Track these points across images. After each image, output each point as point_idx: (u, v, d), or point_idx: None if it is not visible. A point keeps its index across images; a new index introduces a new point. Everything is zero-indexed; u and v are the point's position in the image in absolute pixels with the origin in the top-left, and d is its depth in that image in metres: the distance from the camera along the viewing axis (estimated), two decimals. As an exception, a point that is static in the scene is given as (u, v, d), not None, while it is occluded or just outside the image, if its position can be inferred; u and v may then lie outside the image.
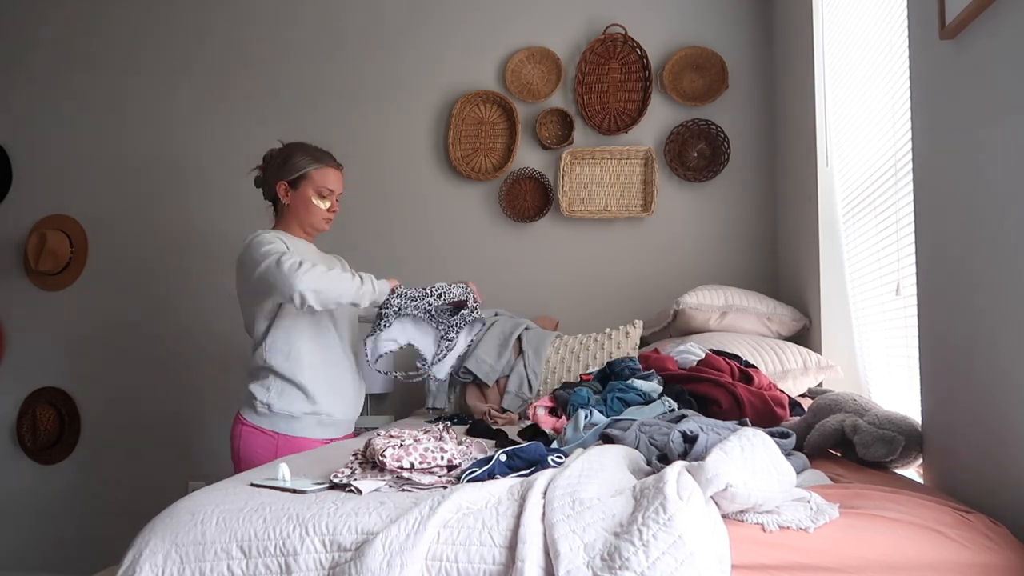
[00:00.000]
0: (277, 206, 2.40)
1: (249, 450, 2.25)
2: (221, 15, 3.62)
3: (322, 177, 2.33)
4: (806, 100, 2.71)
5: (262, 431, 2.26)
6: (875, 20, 2.11)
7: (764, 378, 1.97)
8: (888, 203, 2.00)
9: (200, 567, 1.20)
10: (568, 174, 3.31)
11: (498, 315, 2.97)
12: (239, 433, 2.29)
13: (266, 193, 2.42)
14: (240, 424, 2.30)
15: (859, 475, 1.46)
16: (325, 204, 2.35)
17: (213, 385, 3.51)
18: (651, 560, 0.99)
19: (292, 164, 2.33)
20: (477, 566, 1.09)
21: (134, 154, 3.65)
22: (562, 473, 1.22)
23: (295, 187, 2.33)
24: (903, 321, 1.88)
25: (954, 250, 1.41)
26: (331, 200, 2.36)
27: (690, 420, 1.49)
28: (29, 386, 3.65)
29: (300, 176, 2.32)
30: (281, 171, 2.34)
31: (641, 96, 3.29)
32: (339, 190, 2.38)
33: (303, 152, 2.34)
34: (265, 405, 2.26)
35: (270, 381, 2.28)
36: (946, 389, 1.46)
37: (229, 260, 3.53)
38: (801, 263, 2.82)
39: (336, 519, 1.19)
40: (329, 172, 2.35)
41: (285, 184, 2.33)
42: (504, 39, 3.42)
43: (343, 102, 3.51)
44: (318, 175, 2.33)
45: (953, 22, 1.34)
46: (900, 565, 1.06)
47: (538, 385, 2.67)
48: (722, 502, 1.10)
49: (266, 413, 2.26)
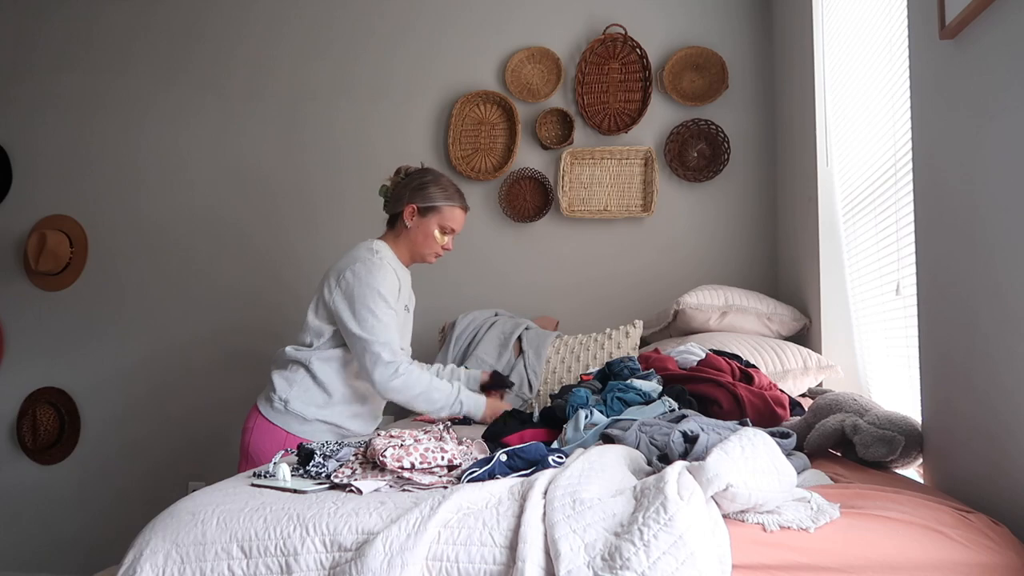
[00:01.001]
0: (395, 222, 2.40)
1: (259, 445, 2.24)
2: (220, 16, 3.62)
3: (452, 215, 2.36)
4: (806, 100, 2.71)
5: (275, 427, 2.25)
6: (875, 20, 2.11)
7: (764, 378, 1.97)
8: (888, 203, 2.00)
9: (201, 567, 1.20)
10: (568, 174, 3.31)
11: (498, 315, 2.97)
12: (252, 427, 2.28)
13: (389, 206, 2.41)
14: (255, 417, 2.29)
15: (859, 475, 1.46)
16: (444, 240, 2.38)
17: (214, 385, 3.51)
18: (652, 560, 0.99)
19: (428, 193, 2.34)
20: (478, 566, 1.09)
21: (134, 154, 3.64)
22: (563, 473, 1.22)
23: (423, 215, 2.34)
24: (903, 321, 1.88)
25: (954, 250, 1.41)
26: (450, 238, 2.40)
27: (691, 420, 1.49)
28: (29, 386, 3.65)
29: (432, 207, 2.34)
30: (415, 195, 2.34)
31: (641, 96, 3.29)
32: (459, 231, 2.41)
33: (441, 186, 2.37)
34: (282, 401, 2.25)
35: (297, 376, 2.27)
36: (946, 389, 1.46)
37: (229, 260, 3.55)
38: (801, 263, 2.82)
39: (336, 519, 1.19)
40: (459, 212, 2.38)
41: (415, 208, 2.34)
42: (504, 39, 3.42)
43: (343, 102, 3.51)
44: (448, 212, 2.36)
45: (953, 22, 1.34)
46: (901, 565, 1.06)
47: (538, 385, 2.67)
48: (723, 502, 1.10)
49: (281, 410, 2.25)
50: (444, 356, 2.82)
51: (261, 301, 3.50)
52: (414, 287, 2.58)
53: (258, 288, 3.51)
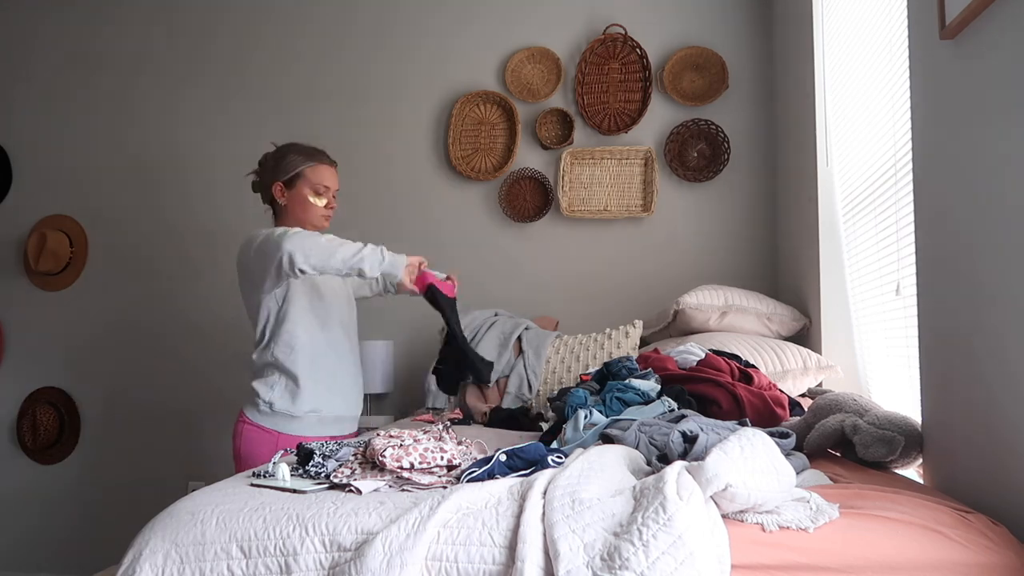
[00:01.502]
0: (276, 208, 2.40)
1: (249, 449, 2.25)
2: (221, 16, 3.62)
3: (316, 175, 2.33)
4: (806, 100, 2.71)
5: (264, 430, 2.26)
6: (875, 20, 2.11)
7: (764, 378, 1.97)
8: (888, 203, 2.00)
9: (200, 567, 1.20)
10: (568, 174, 3.31)
11: (498, 315, 2.97)
12: (240, 431, 2.29)
13: (264, 196, 2.41)
14: (242, 423, 2.30)
15: (859, 475, 1.46)
16: (321, 201, 2.35)
17: (213, 385, 3.51)
18: (651, 560, 0.99)
19: (286, 164, 2.33)
20: (477, 566, 1.09)
21: (134, 154, 3.65)
22: (562, 473, 1.22)
23: (290, 187, 2.33)
24: (903, 321, 1.88)
25: (954, 250, 1.41)
26: (327, 197, 2.36)
27: (690, 420, 1.49)
28: (29, 386, 3.65)
29: (295, 175, 2.33)
30: (276, 172, 2.34)
31: (641, 96, 3.29)
32: (335, 187, 2.38)
33: (296, 151, 2.35)
34: (267, 404, 2.26)
35: (273, 378, 2.28)
36: (946, 389, 1.46)
37: (230, 260, 3.54)
38: (801, 263, 2.82)
39: (336, 519, 1.19)
40: (323, 169, 2.35)
41: (280, 185, 2.34)
42: (504, 39, 3.42)
43: (343, 102, 3.51)
44: (312, 173, 2.33)
45: (953, 22, 1.34)
46: (900, 565, 1.06)
47: (538, 385, 2.67)
48: (722, 502, 1.10)
49: (268, 412, 2.26)
50: (444, 356, 2.81)
51: (261, 301, 3.50)
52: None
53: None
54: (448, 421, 2.35)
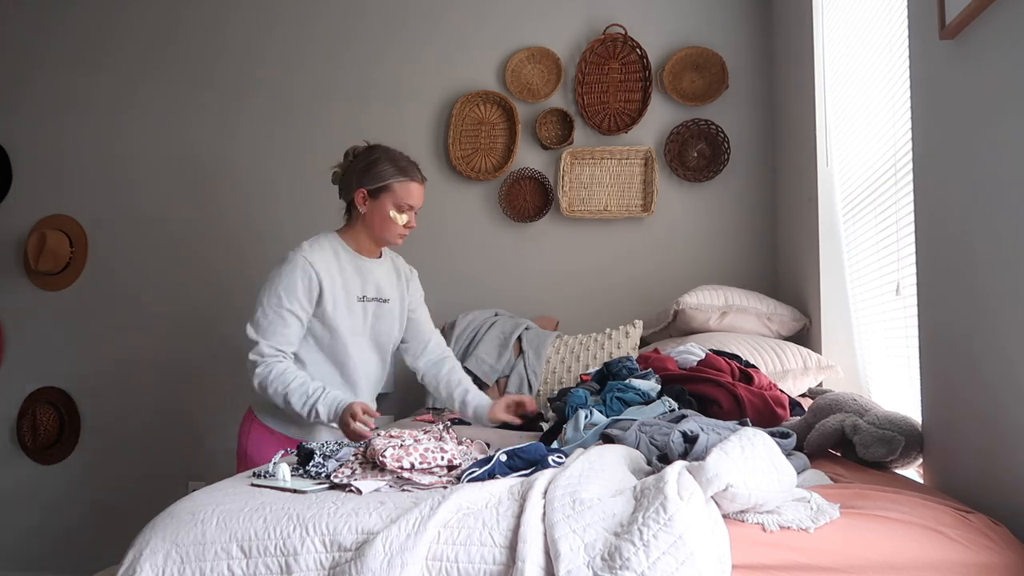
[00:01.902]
0: (351, 210, 2.27)
1: (256, 448, 2.23)
2: (221, 16, 3.62)
3: (405, 192, 2.20)
4: (806, 100, 2.71)
5: (270, 430, 2.24)
6: (875, 20, 2.11)
7: (764, 378, 1.97)
8: (888, 203, 2.00)
9: (200, 567, 1.20)
10: (568, 174, 3.31)
11: (498, 315, 2.97)
12: (248, 430, 2.27)
13: (343, 193, 2.29)
14: (250, 420, 2.27)
15: (859, 475, 1.46)
16: (403, 219, 2.21)
17: (214, 385, 3.51)
18: (651, 560, 0.99)
19: (376, 172, 2.19)
20: (477, 566, 1.09)
21: (134, 154, 3.64)
22: (562, 473, 1.22)
23: (375, 197, 2.20)
24: (903, 321, 1.88)
25: (954, 250, 1.41)
26: (410, 215, 2.23)
27: (690, 420, 1.49)
28: (29, 386, 3.65)
29: (382, 187, 2.19)
30: (363, 177, 2.20)
31: (641, 96, 3.29)
32: (419, 205, 2.24)
33: (389, 161, 2.21)
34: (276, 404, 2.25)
35: None
36: (946, 389, 1.46)
37: (230, 260, 3.55)
38: (801, 263, 2.82)
39: (336, 519, 1.19)
40: (413, 187, 2.21)
41: (364, 192, 2.20)
42: (504, 39, 3.41)
43: (342, 102, 3.50)
44: (401, 189, 2.19)
45: (953, 22, 1.34)
46: (901, 565, 1.06)
47: (538, 385, 2.67)
48: (722, 502, 1.10)
49: (276, 413, 2.23)
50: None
51: (261, 301, 3.50)
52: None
53: (254, 290, 3.51)
54: (448, 421, 2.35)
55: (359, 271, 2.26)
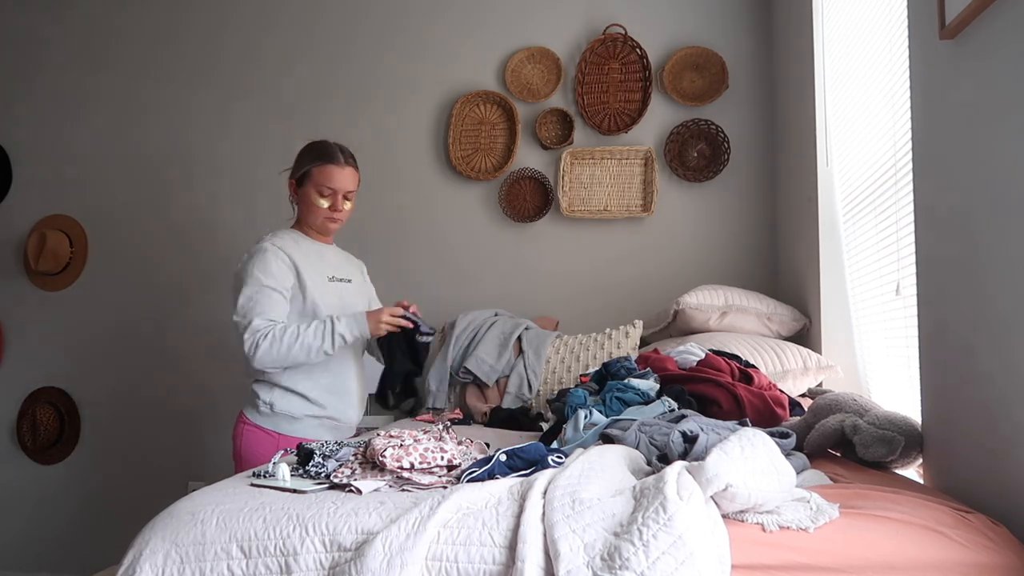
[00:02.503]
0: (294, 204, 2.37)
1: (249, 449, 2.25)
2: (219, 15, 3.62)
3: (323, 174, 2.22)
4: (806, 100, 2.71)
5: (263, 431, 2.26)
6: (875, 20, 2.11)
7: (764, 378, 1.97)
8: (888, 203, 2.00)
9: (200, 567, 1.20)
10: (568, 174, 3.31)
11: (498, 315, 2.97)
12: (240, 432, 2.29)
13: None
14: (242, 423, 2.29)
15: (859, 475, 1.46)
16: (325, 203, 2.25)
17: (213, 385, 3.51)
18: (651, 560, 0.99)
19: (298, 163, 2.30)
20: (477, 566, 1.09)
21: (135, 153, 3.64)
22: (562, 473, 1.22)
23: (301, 185, 2.28)
24: (903, 321, 1.88)
25: (954, 250, 1.41)
26: (333, 199, 2.25)
27: (690, 420, 1.49)
28: (29, 386, 3.65)
29: (304, 174, 2.27)
30: (293, 169, 2.32)
31: (641, 96, 3.29)
32: (344, 188, 2.26)
33: (309, 149, 2.29)
34: (267, 404, 2.26)
35: (274, 380, 2.27)
36: (946, 389, 1.46)
37: (230, 260, 3.54)
38: (801, 263, 2.82)
39: (336, 519, 1.19)
40: (331, 169, 2.23)
41: (293, 183, 2.31)
42: (504, 39, 3.41)
43: (342, 102, 3.51)
44: (319, 173, 2.23)
45: (953, 22, 1.34)
46: (900, 565, 1.06)
47: (538, 385, 2.67)
48: (722, 502, 1.10)
49: (268, 413, 2.26)
50: (444, 356, 2.82)
51: (261, 301, 3.50)
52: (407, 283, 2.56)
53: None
54: (448, 421, 2.35)
55: (320, 254, 2.32)
